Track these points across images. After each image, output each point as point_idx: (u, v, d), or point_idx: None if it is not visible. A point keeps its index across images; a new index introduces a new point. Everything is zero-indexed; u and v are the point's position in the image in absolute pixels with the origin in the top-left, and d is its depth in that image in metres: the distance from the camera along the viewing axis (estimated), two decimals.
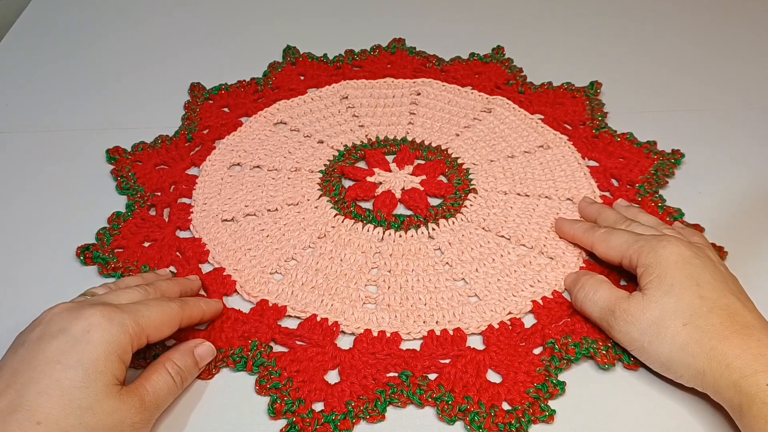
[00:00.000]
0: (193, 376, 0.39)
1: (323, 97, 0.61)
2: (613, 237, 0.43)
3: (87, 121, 0.59)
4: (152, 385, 0.36)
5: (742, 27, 0.72)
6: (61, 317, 0.34)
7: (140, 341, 0.36)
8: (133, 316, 0.35)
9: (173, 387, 0.37)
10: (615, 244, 0.43)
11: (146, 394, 0.35)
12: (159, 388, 0.36)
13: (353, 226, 0.49)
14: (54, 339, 0.33)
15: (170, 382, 0.37)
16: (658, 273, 0.39)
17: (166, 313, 0.37)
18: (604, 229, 0.45)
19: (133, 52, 0.69)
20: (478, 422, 0.37)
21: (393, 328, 0.42)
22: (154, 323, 0.36)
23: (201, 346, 0.40)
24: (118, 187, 0.52)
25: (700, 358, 0.36)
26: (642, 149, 0.55)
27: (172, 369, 0.37)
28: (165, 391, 0.36)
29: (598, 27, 0.72)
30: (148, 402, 0.35)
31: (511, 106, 0.60)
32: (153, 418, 0.36)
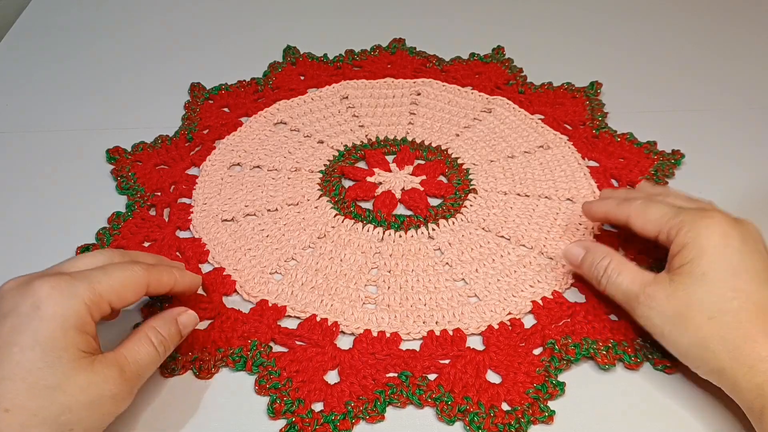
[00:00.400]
0: (176, 344, 0.37)
1: (323, 97, 0.61)
2: (651, 208, 0.40)
3: (87, 121, 0.59)
4: (132, 354, 0.34)
5: (742, 27, 0.72)
6: (11, 294, 0.33)
7: (101, 309, 0.34)
8: (87, 283, 0.33)
9: (155, 356, 0.35)
10: (654, 216, 0.39)
11: (126, 364, 0.33)
12: (140, 358, 0.34)
13: (353, 226, 0.49)
14: (6, 319, 0.31)
15: (152, 351, 0.35)
16: (693, 255, 0.36)
17: (127, 276, 0.35)
18: (641, 200, 0.41)
19: (133, 52, 0.69)
20: (478, 423, 0.37)
21: (393, 329, 0.42)
22: (114, 287, 0.34)
23: (184, 314, 0.38)
24: (118, 187, 0.52)
25: (721, 355, 0.34)
26: (642, 149, 0.55)
27: (155, 337, 0.35)
28: (146, 360, 0.35)
29: (598, 27, 0.72)
30: (128, 372, 0.33)
31: (511, 106, 0.60)
32: (135, 387, 0.34)
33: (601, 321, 0.42)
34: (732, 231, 0.36)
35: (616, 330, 0.41)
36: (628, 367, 0.40)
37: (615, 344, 0.41)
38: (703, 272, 0.36)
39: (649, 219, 0.40)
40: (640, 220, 0.40)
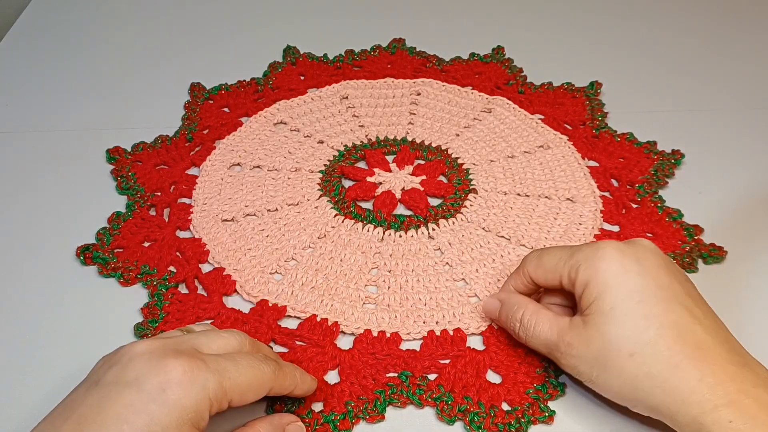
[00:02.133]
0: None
1: (323, 97, 0.61)
2: (545, 255, 0.38)
3: (87, 121, 0.59)
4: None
5: (742, 27, 0.72)
6: (141, 362, 0.30)
7: (221, 406, 0.31)
8: (218, 377, 0.31)
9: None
10: (550, 264, 0.38)
11: None
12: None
13: (353, 226, 0.49)
14: (127, 389, 0.29)
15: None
16: (598, 292, 0.35)
17: (257, 376, 0.32)
18: (534, 252, 0.40)
19: (133, 52, 0.69)
20: (478, 422, 0.37)
21: (393, 329, 0.42)
22: (241, 387, 0.32)
23: (294, 424, 0.36)
24: (118, 187, 0.52)
25: (652, 393, 0.33)
26: (642, 149, 0.55)
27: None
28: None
29: (598, 27, 0.72)
30: None
31: (511, 106, 0.60)
32: None
33: None
34: (626, 257, 0.35)
35: None
36: None
37: None
38: (611, 307, 0.34)
39: (546, 268, 0.38)
40: (539, 271, 0.38)
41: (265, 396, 0.38)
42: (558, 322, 0.37)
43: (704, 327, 0.34)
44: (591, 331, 0.35)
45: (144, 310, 0.43)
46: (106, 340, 0.41)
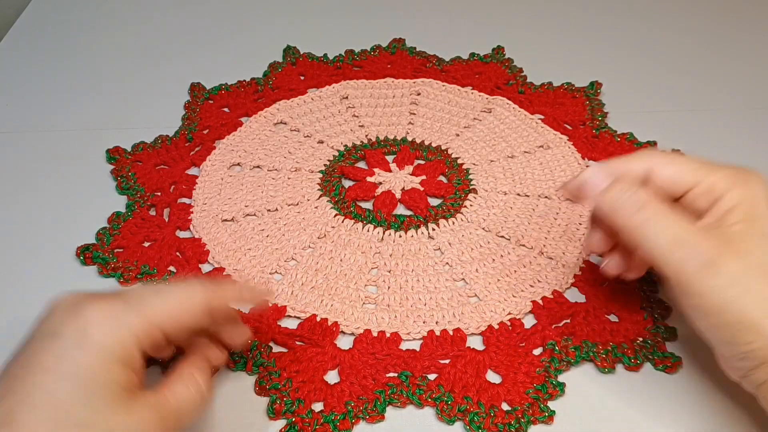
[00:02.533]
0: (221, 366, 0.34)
1: (323, 97, 0.61)
2: (684, 158, 0.35)
3: (87, 121, 0.59)
4: (174, 396, 0.31)
5: (742, 27, 0.72)
6: (60, 312, 0.30)
7: (153, 339, 0.30)
8: (138, 310, 0.30)
9: (200, 399, 0.32)
10: (690, 167, 0.34)
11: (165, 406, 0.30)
12: (182, 402, 0.31)
13: (353, 226, 0.49)
14: (48, 341, 0.29)
15: (197, 394, 0.32)
16: (750, 213, 0.32)
17: (182, 297, 0.31)
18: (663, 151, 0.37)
19: (133, 52, 0.69)
20: (478, 422, 0.37)
21: (393, 329, 0.42)
22: (167, 312, 0.31)
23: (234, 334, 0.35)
24: (118, 187, 0.52)
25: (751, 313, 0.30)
26: (642, 149, 0.55)
27: (201, 377, 0.32)
28: (190, 404, 0.32)
29: (598, 27, 0.72)
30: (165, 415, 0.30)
31: (511, 106, 0.60)
32: None
33: (601, 322, 0.42)
34: None
35: (616, 331, 0.41)
36: (628, 368, 0.40)
37: (614, 347, 0.40)
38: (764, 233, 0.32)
39: (684, 168, 0.34)
40: (671, 167, 0.34)
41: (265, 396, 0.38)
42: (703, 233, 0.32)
43: None
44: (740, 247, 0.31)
45: None
46: None
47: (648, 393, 0.39)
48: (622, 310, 0.43)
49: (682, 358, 0.40)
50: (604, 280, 0.45)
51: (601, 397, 0.39)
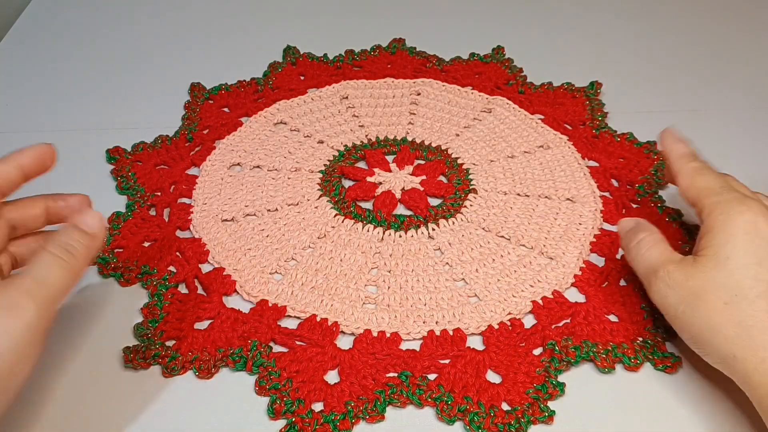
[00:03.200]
0: (89, 245, 0.34)
1: (323, 97, 0.61)
2: (701, 176, 0.40)
3: (87, 121, 0.59)
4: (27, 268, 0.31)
5: (742, 27, 0.72)
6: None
7: None
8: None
9: (56, 260, 0.32)
10: (699, 185, 0.39)
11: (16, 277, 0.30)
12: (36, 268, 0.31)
13: (353, 226, 0.49)
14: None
15: (49, 257, 0.32)
16: (719, 241, 0.35)
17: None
18: (699, 163, 0.41)
19: (133, 52, 0.69)
20: (478, 422, 0.37)
21: (393, 329, 0.42)
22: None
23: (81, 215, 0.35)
24: (118, 187, 0.52)
25: (733, 343, 0.33)
26: (642, 149, 0.55)
27: (51, 245, 0.32)
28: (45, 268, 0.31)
29: (598, 27, 0.72)
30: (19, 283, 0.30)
31: (511, 106, 0.60)
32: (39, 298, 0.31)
33: (601, 322, 0.42)
34: (764, 221, 0.36)
35: (616, 331, 0.41)
36: (628, 368, 0.40)
37: (615, 347, 0.40)
38: (727, 256, 0.35)
39: (693, 185, 0.39)
40: (685, 181, 0.40)
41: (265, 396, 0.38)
42: (671, 254, 0.38)
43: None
44: (697, 269, 0.36)
45: (144, 310, 0.43)
46: (106, 340, 0.42)
47: (648, 393, 0.39)
48: (622, 310, 0.43)
49: (682, 358, 0.40)
50: (604, 280, 0.45)
51: (601, 397, 0.39)
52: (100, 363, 0.40)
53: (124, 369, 0.40)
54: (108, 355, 0.41)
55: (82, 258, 0.33)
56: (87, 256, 0.34)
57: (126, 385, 0.39)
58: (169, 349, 0.41)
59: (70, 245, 0.33)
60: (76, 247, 0.33)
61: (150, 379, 0.40)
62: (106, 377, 0.40)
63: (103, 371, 0.40)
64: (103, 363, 0.40)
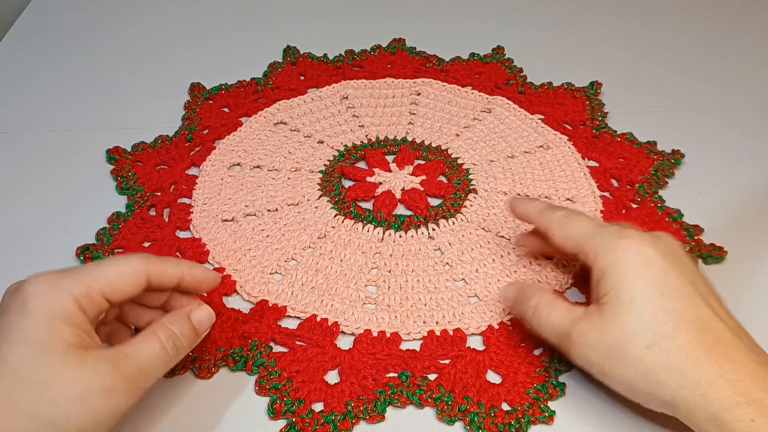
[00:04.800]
0: (191, 343, 0.35)
1: (323, 97, 0.61)
2: (573, 222, 0.38)
3: (87, 121, 0.59)
4: (134, 351, 0.32)
5: (742, 27, 0.72)
6: (6, 294, 0.33)
7: (94, 301, 0.32)
8: (76, 276, 0.32)
9: (162, 353, 0.33)
10: (574, 232, 0.37)
11: (123, 359, 0.31)
12: (143, 354, 0.32)
13: (353, 227, 0.49)
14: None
15: (158, 348, 0.33)
16: (616, 281, 0.34)
17: (122, 265, 0.33)
18: (565, 211, 0.39)
19: (133, 52, 0.69)
20: (478, 422, 0.37)
21: (393, 329, 0.42)
22: (107, 278, 0.33)
23: (198, 309, 0.36)
24: (118, 187, 0.52)
25: (668, 386, 0.32)
26: (642, 149, 0.55)
27: (163, 334, 0.34)
28: (151, 357, 0.33)
29: (598, 27, 0.72)
30: (124, 367, 0.31)
31: (511, 106, 0.60)
32: (136, 386, 0.32)
33: None
34: (650, 249, 0.35)
35: None
36: None
37: None
38: (630, 298, 0.34)
39: (568, 234, 0.38)
40: (560, 233, 0.38)
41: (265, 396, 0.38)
42: (572, 311, 0.36)
43: (726, 325, 0.33)
44: (607, 320, 0.34)
45: None
46: None
47: None
48: None
49: None
50: None
51: (601, 397, 0.39)
52: None
53: None
54: None
55: (182, 355, 0.35)
56: (186, 350, 0.35)
57: None
58: None
59: (178, 340, 0.34)
60: (183, 343, 0.35)
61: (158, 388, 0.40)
62: None
63: None
64: None
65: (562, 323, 0.36)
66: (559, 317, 0.36)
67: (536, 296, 0.38)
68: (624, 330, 0.33)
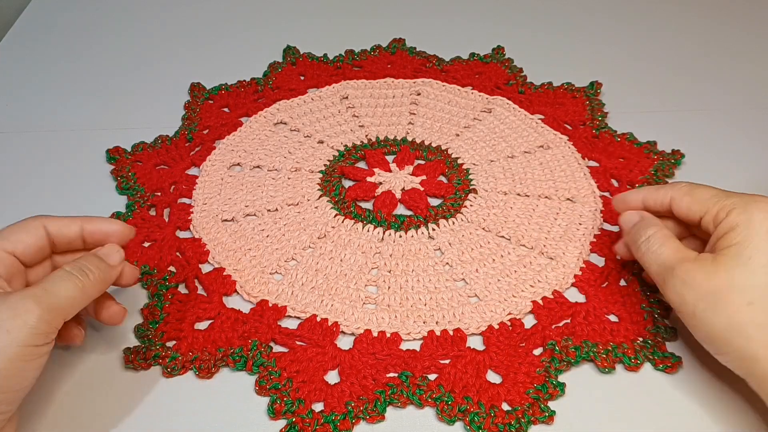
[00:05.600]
0: (106, 275, 0.36)
1: (323, 97, 0.61)
2: (699, 189, 0.39)
3: (87, 121, 0.59)
4: (51, 285, 0.33)
5: (742, 27, 0.72)
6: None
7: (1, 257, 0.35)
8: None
9: (75, 281, 0.34)
10: (702, 197, 0.38)
11: (42, 294, 0.32)
12: (55, 284, 0.33)
13: (353, 227, 0.49)
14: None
15: (70, 276, 0.34)
16: (741, 238, 0.35)
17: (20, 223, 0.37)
18: (685, 183, 0.40)
19: (133, 52, 0.69)
20: (478, 422, 0.37)
21: (393, 329, 0.42)
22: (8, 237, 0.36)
23: (103, 247, 0.37)
24: (118, 187, 0.52)
25: (756, 343, 0.33)
26: (642, 149, 0.55)
27: (72, 266, 0.35)
28: (65, 285, 0.34)
29: (598, 27, 0.72)
30: (45, 302, 0.32)
31: (511, 106, 0.60)
32: (56, 320, 0.33)
33: (602, 322, 0.42)
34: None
35: (617, 332, 0.41)
36: (628, 368, 0.40)
37: (615, 347, 0.41)
38: (750, 256, 0.35)
39: (696, 199, 0.39)
40: (686, 199, 0.39)
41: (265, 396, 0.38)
42: (684, 251, 0.37)
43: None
44: (719, 268, 0.35)
45: (144, 310, 0.43)
46: (106, 341, 0.42)
47: (648, 393, 0.39)
48: (622, 310, 0.43)
49: (682, 358, 0.40)
50: (604, 280, 0.45)
51: (601, 397, 0.39)
52: (101, 364, 0.40)
53: (124, 369, 0.40)
54: (108, 356, 0.41)
55: (96, 281, 0.35)
56: (100, 281, 0.36)
57: (126, 385, 0.39)
58: (169, 349, 0.41)
59: (86, 267, 0.35)
60: (91, 269, 0.35)
61: (150, 379, 0.40)
62: (106, 378, 0.40)
63: (103, 372, 0.40)
64: (103, 364, 0.40)
65: (670, 258, 0.37)
66: (670, 251, 0.38)
67: (654, 228, 0.40)
68: (732, 281, 0.34)
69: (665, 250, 0.38)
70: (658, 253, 0.38)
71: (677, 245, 0.38)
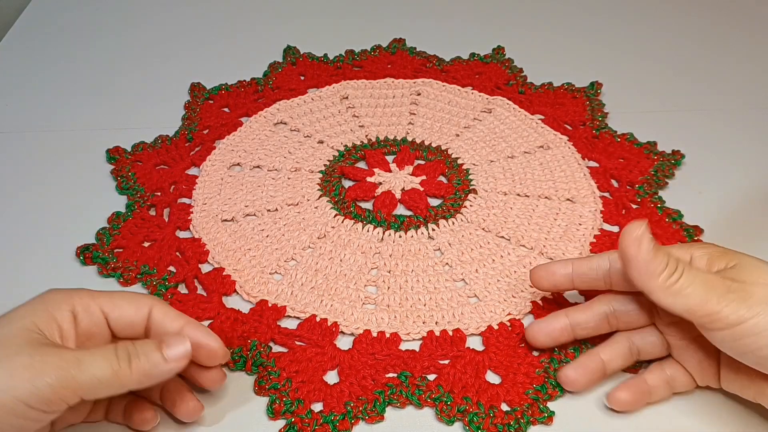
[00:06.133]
0: (154, 371, 0.32)
1: (323, 97, 0.61)
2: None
3: (87, 121, 0.59)
4: (84, 353, 0.30)
5: (742, 27, 0.72)
6: None
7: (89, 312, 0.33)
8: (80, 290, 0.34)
9: (114, 366, 0.30)
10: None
11: (70, 356, 0.30)
12: (91, 361, 0.30)
13: (353, 227, 0.49)
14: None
15: (112, 359, 0.31)
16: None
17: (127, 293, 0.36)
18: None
19: (133, 52, 0.69)
20: (477, 423, 0.37)
21: (392, 329, 0.42)
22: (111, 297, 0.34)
23: (172, 338, 0.33)
24: (118, 187, 0.52)
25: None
26: (642, 150, 0.55)
27: (122, 350, 0.31)
28: (101, 365, 0.30)
29: (598, 27, 0.72)
30: (68, 367, 0.29)
31: (512, 106, 0.60)
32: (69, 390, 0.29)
33: None
34: None
35: None
36: (627, 370, 0.40)
37: None
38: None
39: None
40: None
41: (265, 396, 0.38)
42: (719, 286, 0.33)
43: None
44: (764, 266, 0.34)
45: None
46: None
47: None
48: None
49: None
50: None
51: (601, 398, 0.39)
52: None
53: None
54: None
55: (137, 371, 0.31)
56: (144, 373, 0.32)
57: None
58: None
59: (134, 353, 0.32)
60: (139, 357, 0.32)
61: None
62: None
63: None
64: None
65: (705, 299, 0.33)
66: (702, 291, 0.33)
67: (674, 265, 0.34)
68: None
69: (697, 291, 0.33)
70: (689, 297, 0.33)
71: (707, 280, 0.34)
